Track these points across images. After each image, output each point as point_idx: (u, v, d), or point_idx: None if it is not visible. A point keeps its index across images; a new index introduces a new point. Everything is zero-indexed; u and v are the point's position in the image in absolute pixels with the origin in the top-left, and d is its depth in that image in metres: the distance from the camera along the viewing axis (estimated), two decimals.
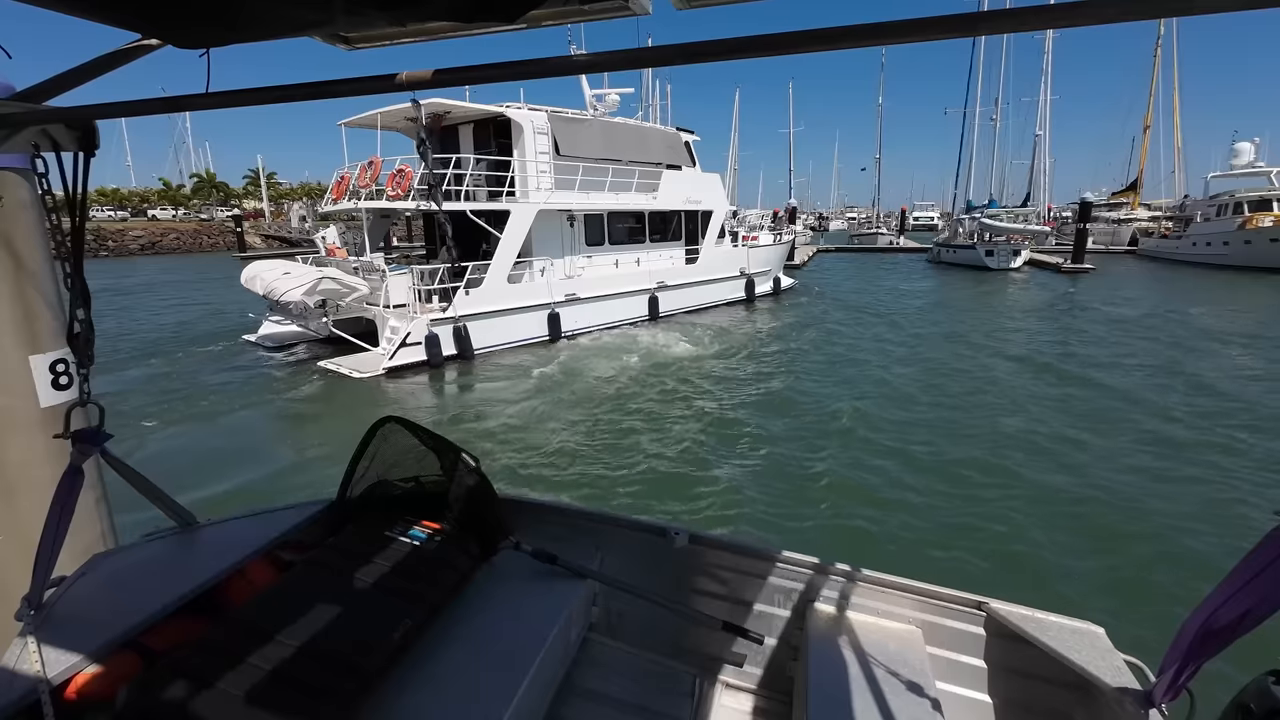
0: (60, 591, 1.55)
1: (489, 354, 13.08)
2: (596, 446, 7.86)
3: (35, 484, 2.31)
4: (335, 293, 12.10)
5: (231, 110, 1.32)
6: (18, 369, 2.27)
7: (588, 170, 15.23)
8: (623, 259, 16.71)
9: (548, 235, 14.82)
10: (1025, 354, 12.75)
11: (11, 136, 1.25)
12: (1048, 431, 7.94)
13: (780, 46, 0.99)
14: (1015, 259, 31.58)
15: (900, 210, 63.13)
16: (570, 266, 15.28)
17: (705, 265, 18.69)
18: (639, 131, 17.75)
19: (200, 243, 48.70)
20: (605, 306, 15.64)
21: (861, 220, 73.71)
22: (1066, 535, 5.41)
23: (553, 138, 14.78)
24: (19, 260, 2.27)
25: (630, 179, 16.50)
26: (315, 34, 1.43)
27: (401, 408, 10.08)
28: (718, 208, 19.16)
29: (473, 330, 12.67)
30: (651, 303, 16.67)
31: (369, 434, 2.03)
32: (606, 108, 18.15)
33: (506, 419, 9.12)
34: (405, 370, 11.73)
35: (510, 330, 13.62)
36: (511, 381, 11.29)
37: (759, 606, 2.06)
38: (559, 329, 14.24)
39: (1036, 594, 4.45)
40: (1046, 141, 39.64)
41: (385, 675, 1.50)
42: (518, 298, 13.76)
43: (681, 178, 18.18)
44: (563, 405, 9.67)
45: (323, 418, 9.44)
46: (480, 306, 12.96)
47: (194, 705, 1.27)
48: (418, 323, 12.03)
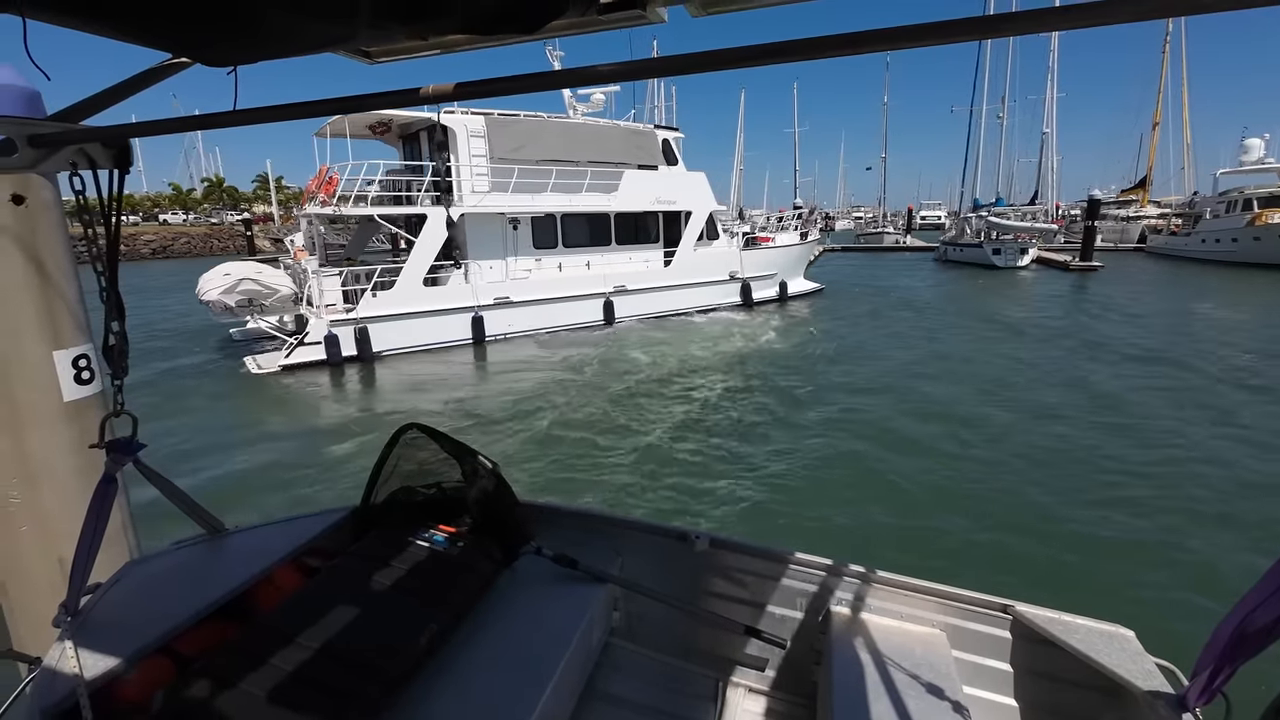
0: (96, 598, 1.58)
1: (400, 356, 13.19)
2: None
3: (58, 475, 2.36)
4: (257, 293, 12.50)
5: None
6: (41, 364, 2.32)
7: (528, 173, 14.93)
8: (571, 262, 16.23)
9: (484, 238, 14.76)
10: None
11: (51, 156, 1.28)
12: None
13: (799, 52, 0.99)
14: (1023, 257, 31.41)
15: (907, 209, 62.92)
16: (510, 269, 15.07)
17: (682, 268, 17.77)
18: (597, 131, 16.92)
19: (210, 246, 49.10)
20: (547, 311, 15.32)
21: (868, 220, 73.45)
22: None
23: (488, 141, 14.67)
24: (42, 259, 2.32)
25: (581, 180, 15.94)
26: (338, 49, 1.45)
27: (274, 400, 10.52)
28: (698, 208, 18.12)
29: (380, 332, 12.88)
30: (606, 307, 16.17)
31: (391, 440, 2.05)
32: (591, 107, 17.90)
33: (361, 423, 9.31)
34: (306, 368, 12.07)
35: (424, 333, 13.64)
36: (401, 387, 11.46)
37: (780, 610, 2.06)
38: (483, 332, 14.17)
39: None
40: (1054, 139, 39.49)
41: (410, 679, 1.52)
42: (434, 300, 13.74)
43: (650, 177, 17.35)
44: (446, 413, 9.63)
45: (198, 411, 9.74)
46: (389, 309, 13.11)
47: (224, 709, 1.30)
48: (318, 323, 12.38)
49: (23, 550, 2.39)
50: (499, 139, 14.81)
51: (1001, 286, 25.09)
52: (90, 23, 1.17)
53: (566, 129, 16.23)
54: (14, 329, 2.26)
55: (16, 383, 2.28)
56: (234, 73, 1.41)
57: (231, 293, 12.19)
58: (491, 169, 14.61)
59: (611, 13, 1.26)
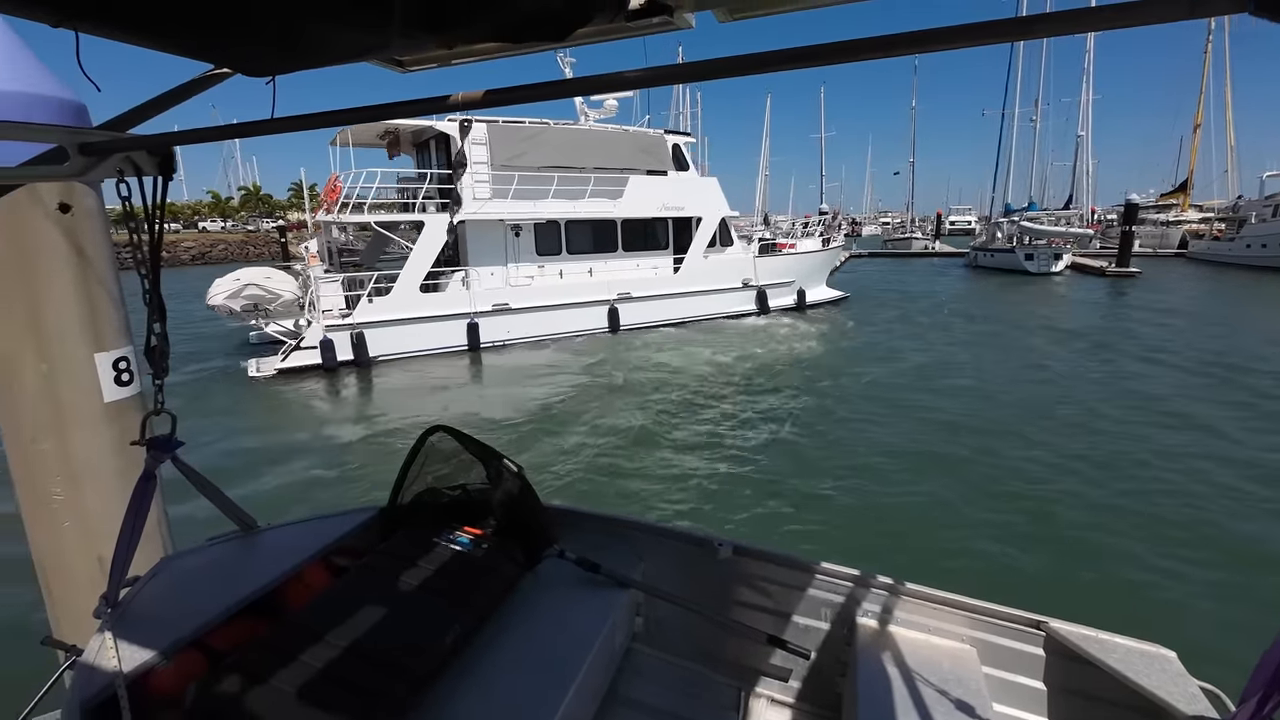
0: (134, 591, 1.63)
1: (395, 361, 13.34)
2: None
3: (99, 474, 2.45)
4: (261, 298, 12.86)
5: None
6: (84, 366, 2.41)
7: (530, 179, 14.89)
8: (575, 268, 16.09)
9: (485, 245, 14.82)
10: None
11: (99, 163, 1.33)
12: None
13: (827, 56, 0.98)
14: (1057, 263, 30.66)
15: (935, 214, 61.93)
16: (511, 276, 15.07)
17: (692, 275, 17.39)
18: (603, 137, 16.73)
19: (247, 253, 50.56)
20: (548, 317, 15.26)
21: (895, 225, 72.49)
22: None
23: (490, 148, 14.71)
24: (87, 264, 2.41)
25: (583, 186, 15.79)
26: (372, 59, 1.49)
27: (262, 401, 10.75)
28: (708, 214, 17.67)
29: (376, 337, 13.04)
30: (611, 314, 16.01)
31: (418, 442, 2.08)
32: (604, 113, 17.75)
33: (343, 425, 9.47)
34: (302, 372, 12.31)
35: (420, 339, 13.75)
36: (388, 392, 11.61)
37: (805, 620, 2.03)
38: (478, 339, 14.23)
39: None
40: (1089, 142, 38.63)
41: (436, 679, 1.53)
42: (430, 307, 13.85)
43: (657, 183, 17.07)
44: (433, 418, 9.65)
45: (185, 415, 10.02)
46: (385, 314, 13.28)
47: (255, 705, 1.32)
48: (314, 328, 12.61)
49: (65, 546, 2.47)
50: (500, 146, 14.85)
51: (1035, 293, 24.51)
52: (138, 36, 1.21)
53: (570, 135, 16.07)
54: (60, 333, 2.35)
55: (61, 384, 2.37)
56: (272, 82, 1.46)
57: (236, 297, 12.60)
58: (492, 175, 14.65)
59: (639, 19, 1.27)
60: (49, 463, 2.38)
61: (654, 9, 1.16)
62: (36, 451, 2.36)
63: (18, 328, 2.29)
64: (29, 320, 2.30)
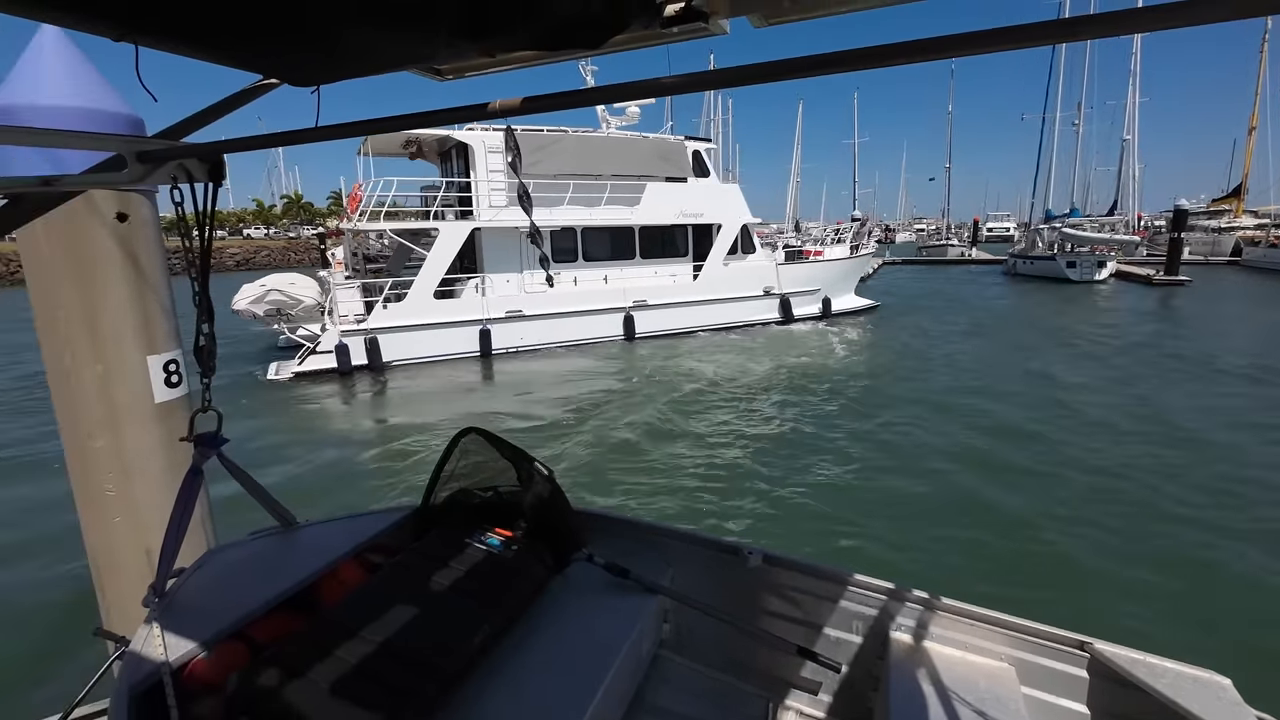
0: (180, 582, 1.69)
1: (410, 366, 13.52)
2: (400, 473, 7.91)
3: (149, 471, 2.56)
4: (283, 303, 13.21)
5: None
6: (137, 368, 2.53)
7: (546, 186, 14.91)
8: (591, 275, 16.03)
9: (500, 252, 14.91)
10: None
11: (156, 170, 1.40)
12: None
13: (863, 61, 0.97)
14: (1100, 271, 29.66)
15: (973, 221, 60.62)
16: (526, 283, 15.12)
17: (712, 283, 17.13)
18: (620, 144, 16.58)
19: (288, 259, 52.22)
20: (561, 325, 15.27)
21: (930, 232, 71.17)
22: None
23: (506, 156, 14.75)
24: (141, 271, 2.53)
25: (600, 193, 15.75)
26: (413, 68, 1.52)
27: (277, 403, 10.99)
28: (728, 221, 17.42)
29: (389, 342, 13.26)
30: (627, 322, 15.92)
31: (451, 444, 2.11)
32: (626, 120, 17.72)
33: (353, 428, 9.66)
34: (317, 376, 12.58)
35: (433, 345, 13.90)
36: (407, 395, 11.81)
37: (836, 632, 1.99)
38: (490, 345, 14.33)
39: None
40: (1135, 146, 37.37)
41: (464, 679, 1.55)
42: (444, 313, 13.99)
43: (676, 190, 16.88)
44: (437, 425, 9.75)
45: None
46: (399, 320, 13.47)
47: (291, 697, 1.35)
48: (330, 333, 12.86)
49: (115, 539, 2.58)
50: (512, 153, 14.91)
51: (1079, 301, 23.71)
52: (194, 49, 1.27)
53: (586, 143, 16.02)
54: (117, 336, 2.47)
55: (116, 385, 2.48)
56: (317, 92, 1.51)
57: (259, 302, 13.01)
58: (508, 184, 14.74)
59: (674, 26, 1.27)
60: (103, 459, 2.49)
61: (690, 16, 1.16)
62: (92, 448, 2.48)
63: (77, 330, 2.41)
64: (87, 324, 2.42)
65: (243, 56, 1.35)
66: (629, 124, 17.95)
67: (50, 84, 2.24)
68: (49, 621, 4.45)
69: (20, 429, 9.71)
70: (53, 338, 2.43)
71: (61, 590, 4.70)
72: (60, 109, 2.20)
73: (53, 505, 6.29)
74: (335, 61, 1.38)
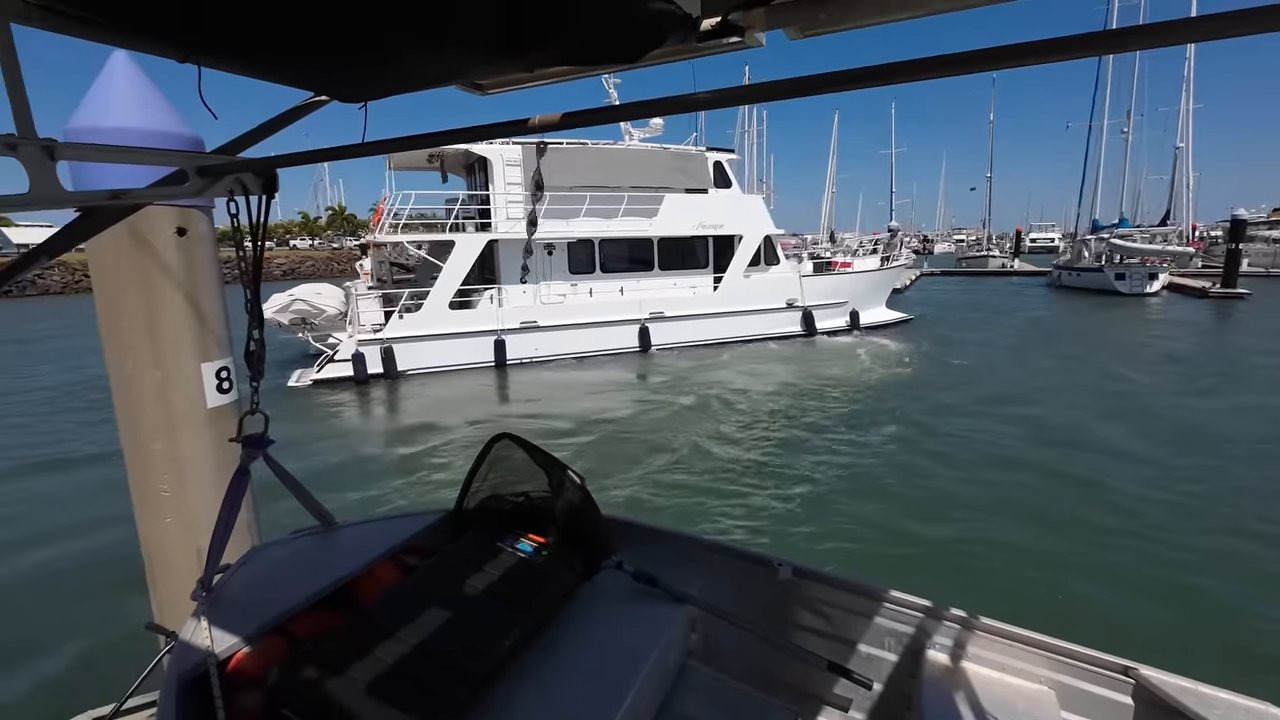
0: (226, 577, 1.76)
1: (424, 375, 13.80)
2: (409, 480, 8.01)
3: (200, 474, 2.67)
4: (307, 312, 13.69)
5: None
6: (192, 376, 2.65)
7: (563, 199, 15.02)
8: (608, 287, 16.04)
9: (517, 263, 15.06)
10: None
11: (214, 184, 1.48)
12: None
13: (902, 74, 0.97)
14: (1152, 283, 28.49)
15: (1015, 231, 58.98)
16: (542, 294, 15.25)
17: (732, 295, 16.92)
18: (639, 156, 16.61)
19: (331, 269, 53.99)
20: (575, 336, 15.29)
21: (970, 242, 69.49)
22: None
23: (524, 168, 14.96)
24: (197, 283, 2.66)
25: (617, 205, 15.76)
26: (455, 84, 1.58)
27: (302, 411, 11.25)
28: (749, 232, 17.19)
29: (405, 352, 13.57)
30: (642, 334, 15.86)
31: (485, 449, 2.15)
32: (650, 132, 17.78)
33: (362, 434, 9.88)
34: (335, 384, 12.99)
35: (448, 354, 14.15)
36: (420, 402, 12.08)
37: (867, 649, 1.95)
38: (505, 355, 14.49)
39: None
40: (1189, 154, 35.91)
41: (494, 681, 1.57)
42: (459, 323, 14.21)
43: (695, 201, 16.81)
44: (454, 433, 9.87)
45: None
46: (414, 330, 13.77)
47: (328, 692, 1.39)
48: (347, 342, 13.24)
49: (168, 538, 2.70)
50: (533, 167, 15.06)
51: (1131, 314, 22.78)
52: (252, 68, 1.35)
53: (604, 155, 16.06)
54: (174, 345, 2.61)
55: (172, 391, 2.61)
56: (364, 108, 1.57)
57: (284, 311, 13.49)
58: (525, 196, 14.97)
59: (710, 40, 1.29)
60: (159, 462, 2.61)
61: (726, 29, 1.18)
62: (150, 451, 2.61)
63: (139, 338, 2.56)
64: (148, 332, 2.56)
65: (295, 75, 1.42)
66: (653, 135, 18.01)
67: (119, 107, 2.40)
68: (102, 614, 4.66)
69: (79, 427, 10.27)
70: (116, 344, 2.57)
71: (117, 580, 4.93)
72: (128, 130, 2.35)
73: (97, 499, 6.63)
74: (381, 78, 1.44)
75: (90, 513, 6.58)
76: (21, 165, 1.12)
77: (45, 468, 8.47)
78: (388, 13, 1.03)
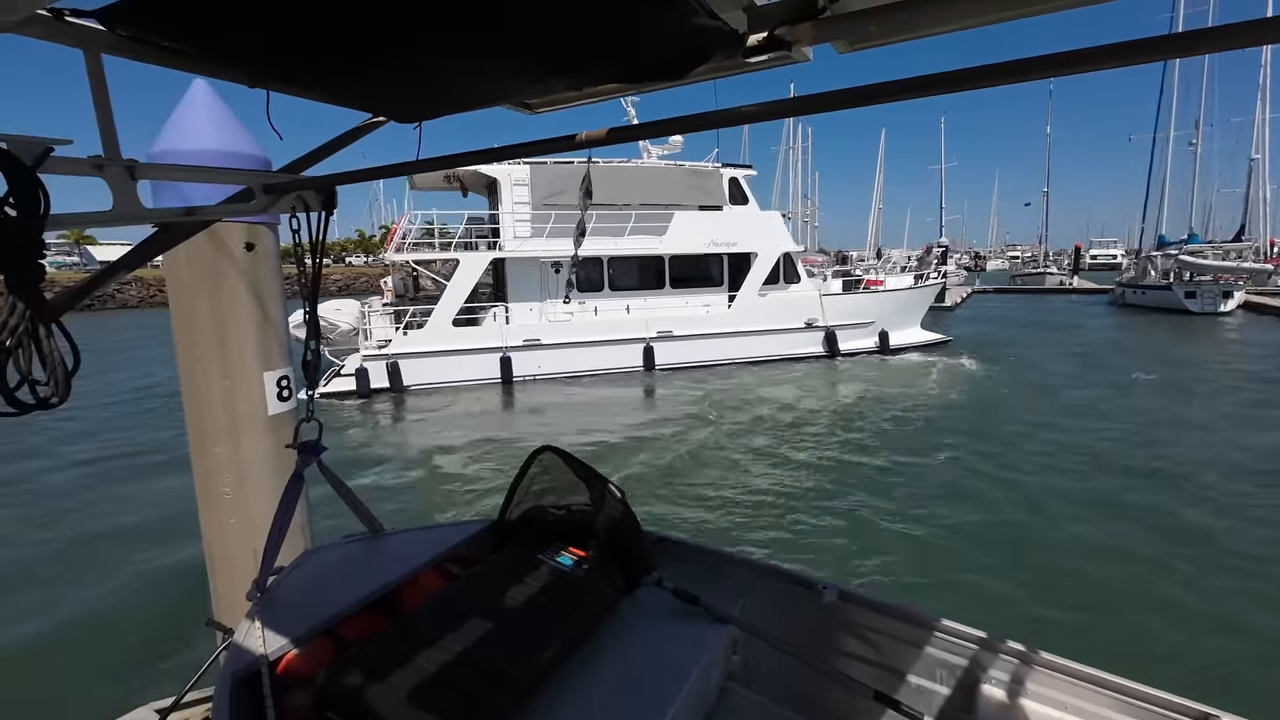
0: (280, 579, 1.82)
1: (428, 391, 14.00)
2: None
3: (260, 477, 2.79)
4: (325, 328, 13.87)
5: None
6: (255, 383, 2.79)
7: (569, 218, 14.86)
8: (614, 305, 15.87)
9: (523, 281, 15.20)
10: None
11: (278, 201, 1.56)
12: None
13: (955, 84, 0.95)
14: (1226, 301, 26.86)
15: (1074, 248, 56.66)
16: (547, 312, 15.27)
17: (746, 314, 16.39)
18: (650, 173, 16.42)
19: (381, 286, 56.15)
20: (579, 354, 15.18)
21: (1025, 259, 67.08)
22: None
23: (532, 188, 15.06)
24: (263, 296, 2.81)
25: (624, 223, 15.54)
26: (505, 104, 1.63)
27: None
28: (765, 249, 16.64)
29: (410, 367, 13.80)
30: (647, 353, 15.59)
31: (528, 461, 2.17)
32: (669, 149, 17.65)
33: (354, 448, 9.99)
34: (340, 397, 13.33)
35: (453, 371, 14.29)
36: (420, 417, 12.23)
37: (917, 680, 1.87)
38: (510, 372, 14.52)
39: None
40: (1265, 166, 34.07)
41: (534, 692, 1.57)
42: (463, 340, 14.33)
43: (706, 218, 16.43)
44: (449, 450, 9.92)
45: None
46: (419, 346, 13.97)
47: (373, 696, 1.42)
48: (353, 357, 13.53)
49: (229, 538, 2.82)
50: (541, 185, 15.13)
51: (1203, 334, 21.49)
52: (315, 92, 1.42)
53: (614, 172, 15.80)
54: (240, 355, 2.76)
55: (238, 398, 2.75)
56: (419, 128, 1.64)
57: (300, 326, 14.02)
58: (533, 215, 15.08)
59: (756, 55, 1.29)
60: (223, 465, 2.75)
61: (772, 44, 1.18)
62: (215, 454, 2.75)
63: (210, 348, 2.72)
64: (218, 342, 2.71)
65: (355, 97, 1.49)
66: (671, 152, 17.85)
67: (198, 130, 2.60)
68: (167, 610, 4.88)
69: (140, 431, 10.93)
70: (189, 353, 2.73)
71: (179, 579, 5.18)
72: (204, 151, 2.53)
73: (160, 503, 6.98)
74: (435, 99, 1.50)
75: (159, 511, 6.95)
76: (107, 184, 1.21)
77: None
78: (451, 43, 1.07)
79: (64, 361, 0.99)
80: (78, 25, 1.03)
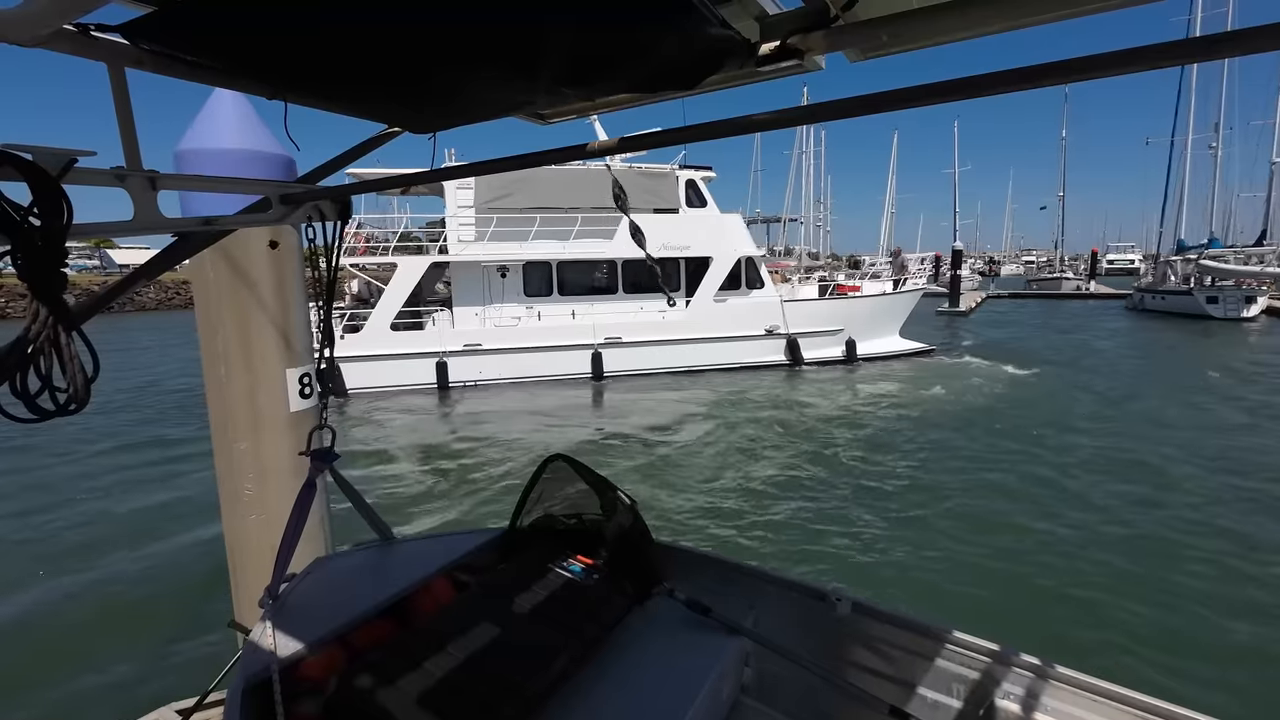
0: (292, 586, 1.83)
1: (371, 394, 13.97)
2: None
3: (281, 473, 2.82)
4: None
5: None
6: (277, 380, 2.83)
7: (514, 221, 14.84)
8: (560, 310, 15.54)
9: (468, 285, 15.03)
10: None
11: (295, 211, 1.58)
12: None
13: (967, 90, 0.94)
14: (1249, 306, 26.39)
15: (1090, 252, 55.99)
16: (492, 316, 15.11)
17: (701, 320, 15.89)
18: (599, 175, 15.64)
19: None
20: (523, 360, 14.92)
21: (1041, 264, 66.38)
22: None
23: (476, 192, 14.81)
24: (286, 293, 2.85)
25: (571, 226, 15.29)
26: (518, 114, 1.64)
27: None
28: (721, 253, 16.07)
29: (349, 371, 13.86)
30: (595, 359, 15.22)
31: (538, 471, 2.17)
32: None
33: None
34: None
35: (390, 375, 14.23)
36: (355, 420, 12.17)
37: (932, 694, 1.84)
38: (447, 378, 14.42)
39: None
40: None
41: (545, 701, 1.56)
42: (401, 345, 14.26)
43: (658, 221, 15.70)
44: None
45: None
46: (356, 350, 13.93)
47: (384, 704, 1.42)
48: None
49: (250, 535, 2.84)
50: (485, 188, 14.85)
51: (1227, 340, 21.04)
52: (332, 104, 1.44)
53: (560, 175, 15.29)
54: (264, 351, 2.79)
55: (260, 394, 2.79)
56: (433, 138, 1.65)
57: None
58: (477, 218, 14.87)
59: (769, 64, 1.29)
60: (245, 461, 2.78)
61: (784, 54, 1.18)
62: (237, 451, 2.78)
63: (234, 345, 2.75)
64: (241, 338, 2.75)
65: (372, 109, 1.51)
66: (634, 155, 17.32)
67: (224, 130, 2.66)
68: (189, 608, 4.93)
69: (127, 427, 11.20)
70: (212, 350, 2.78)
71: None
72: (229, 151, 2.59)
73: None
74: (452, 111, 1.51)
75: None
76: (128, 194, 1.23)
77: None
78: (478, 64, 1.09)
79: (84, 368, 1.00)
80: (103, 40, 1.05)
